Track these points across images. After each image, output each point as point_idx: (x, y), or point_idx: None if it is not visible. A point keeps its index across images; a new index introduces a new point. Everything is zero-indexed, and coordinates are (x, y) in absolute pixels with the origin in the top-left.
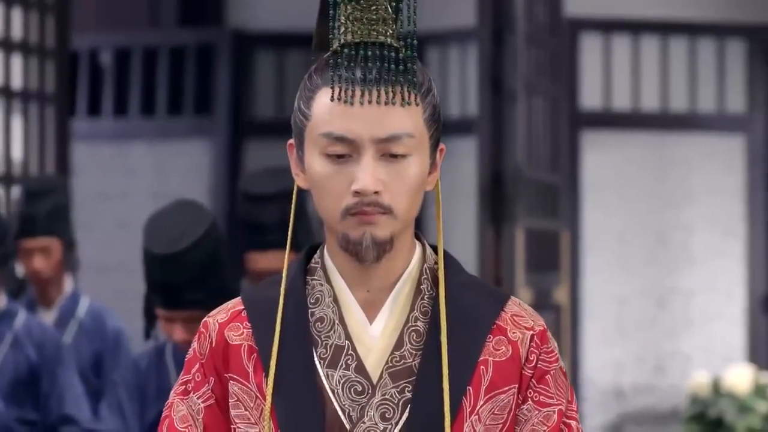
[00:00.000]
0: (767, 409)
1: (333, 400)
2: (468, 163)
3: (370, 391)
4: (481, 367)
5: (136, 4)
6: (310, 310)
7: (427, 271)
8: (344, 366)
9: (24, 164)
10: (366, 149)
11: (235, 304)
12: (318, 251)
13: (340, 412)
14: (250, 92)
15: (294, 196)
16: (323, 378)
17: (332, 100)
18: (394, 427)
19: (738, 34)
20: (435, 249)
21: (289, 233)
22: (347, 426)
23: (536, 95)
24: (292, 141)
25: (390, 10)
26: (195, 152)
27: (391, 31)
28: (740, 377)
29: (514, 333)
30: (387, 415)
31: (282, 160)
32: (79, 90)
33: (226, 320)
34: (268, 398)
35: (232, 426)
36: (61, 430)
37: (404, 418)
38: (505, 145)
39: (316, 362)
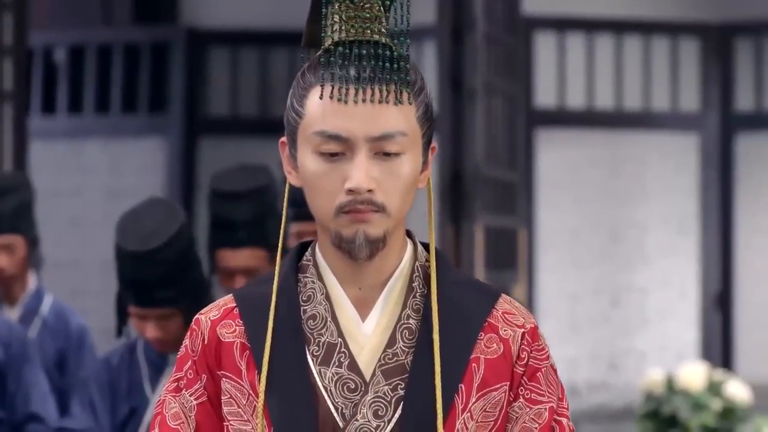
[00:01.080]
0: (721, 406)
1: (326, 397)
2: None
3: (362, 389)
4: (473, 364)
5: (90, 2)
6: (302, 308)
7: (419, 269)
8: (337, 363)
9: None
10: (359, 147)
11: (227, 301)
12: (309, 249)
13: (333, 410)
14: (204, 90)
15: (286, 195)
16: (316, 375)
17: (322, 98)
18: (387, 425)
19: (691, 32)
20: (425, 247)
21: (281, 231)
22: (340, 423)
23: (494, 94)
24: (284, 138)
25: (383, 8)
26: (149, 150)
27: (384, 30)
28: (694, 374)
29: (505, 331)
30: (380, 413)
31: (236, 157)
32: (34, 87)
33: (218, 317)
34: (261, 396)
35: (224, 423)
36: (27, 429)
37: (397, 415)
38: (465, 143)
39: (309, 360)
